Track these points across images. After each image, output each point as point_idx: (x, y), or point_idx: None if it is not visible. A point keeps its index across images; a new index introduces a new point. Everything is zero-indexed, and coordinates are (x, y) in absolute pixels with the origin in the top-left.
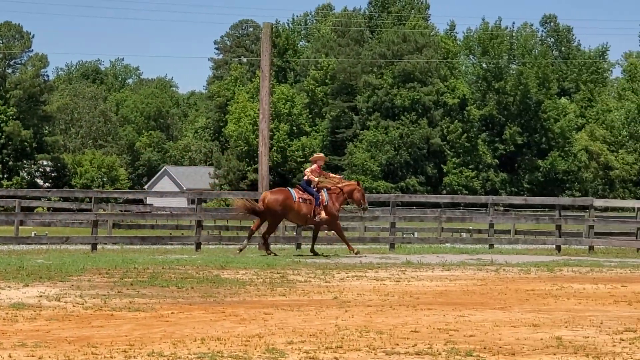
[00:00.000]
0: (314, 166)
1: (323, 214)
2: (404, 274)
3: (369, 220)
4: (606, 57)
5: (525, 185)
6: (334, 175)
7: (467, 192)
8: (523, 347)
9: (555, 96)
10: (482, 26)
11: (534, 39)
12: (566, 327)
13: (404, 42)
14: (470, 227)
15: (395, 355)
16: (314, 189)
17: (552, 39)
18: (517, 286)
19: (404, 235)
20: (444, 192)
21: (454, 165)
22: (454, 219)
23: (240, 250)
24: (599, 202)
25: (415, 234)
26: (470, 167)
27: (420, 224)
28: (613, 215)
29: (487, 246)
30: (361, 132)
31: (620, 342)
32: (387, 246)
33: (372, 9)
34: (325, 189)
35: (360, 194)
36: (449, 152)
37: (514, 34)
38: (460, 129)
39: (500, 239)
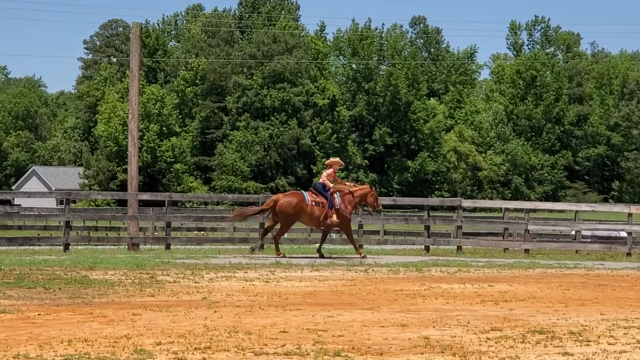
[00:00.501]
0: (330, 170)
1: (334, 217)
2: (273, 274)
3: (238, 221)
4: (474, 58)
5: (395, 186)
6: (347, 182)
7: None
8: (391, 347)
9: (425, 97)
10: (352, 27)
11: (403, 40)
12: (434, 326)
13: (274, 42)
14: None
15: (264, 356)
16: (328, 193)
17: (422, 41)
18: (385, 286)
19: None
20: None
21: (323, 165)
22: None
23: (253, 249)
24: (467, 203)
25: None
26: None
27: None
28: (481, 216)
29: None
30: (231, 132)
31: (486, 341)
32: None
33: (242, 9)
34: (338, 193)
35: (374, 198)
36: (318, 152)
37: (383, 35)
38: (330, 130)
39: (369, 239)
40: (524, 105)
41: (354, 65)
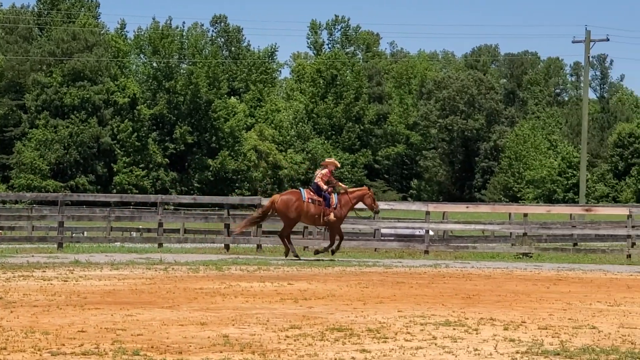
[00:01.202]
0: (325, 171)
1: (332, 216)
2: (72, 273)
3: (37, 219)
4: (275, 57)
5: (196, 185)
6: (341, 184)
7: (137, 191)
8: (190, 346)
9: (225, 96)
10: (153, 25)
11: (204, 39)
12: (233, 325)
13: (74, 40)
14: (140, 226)
15: (62, 356)
16: (326, 192)
17: (222, 39)
18: (185, 285)
19: (73, 235)
20: (114, 191)
21: (124, 164)
22: (123, 218)
23: (286, 254)
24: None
25: (85, 233)
26: (140, 166)
27: (89, 223)
28: None
29: (156, 245)
30: (30, 130)
31: (285, 339)
32: (56, 245)
33: (41, 6)
34: (336, 193)
35: (371, 199)
36: (119, 151)
37: (184, 34)
38: (130, 128)
39: (169, 238)
40: (324, 104)
41: (154, 64)
